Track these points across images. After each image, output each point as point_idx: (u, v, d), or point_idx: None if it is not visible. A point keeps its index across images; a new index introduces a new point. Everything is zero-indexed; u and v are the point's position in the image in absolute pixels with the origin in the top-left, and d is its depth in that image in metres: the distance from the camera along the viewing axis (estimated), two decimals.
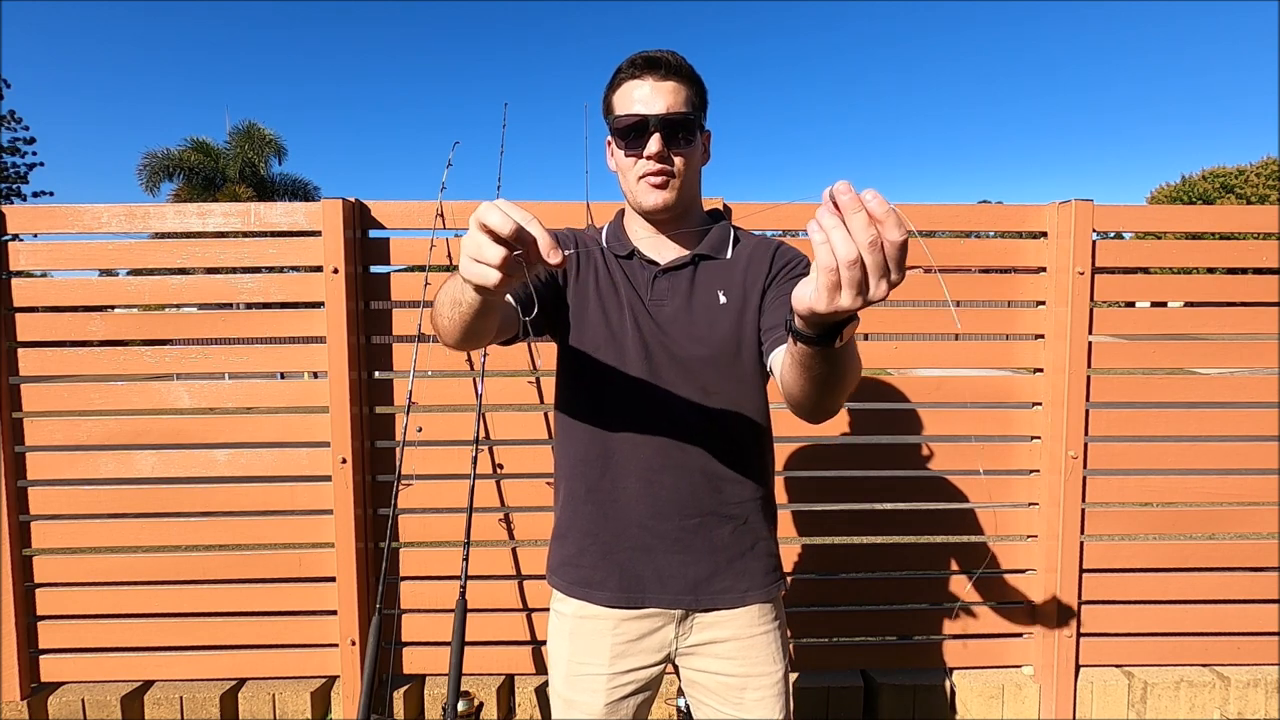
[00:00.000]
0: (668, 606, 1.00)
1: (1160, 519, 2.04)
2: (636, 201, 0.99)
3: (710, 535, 0.99)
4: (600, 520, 1.00)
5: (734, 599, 1.00)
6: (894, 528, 2.05)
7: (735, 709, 1.01)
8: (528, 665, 2.03)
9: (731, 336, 0.98)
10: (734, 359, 0.98)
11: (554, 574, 1.07)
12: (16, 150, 25.71)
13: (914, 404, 2.00)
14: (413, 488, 1.95)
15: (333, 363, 1.90)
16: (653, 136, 0.93)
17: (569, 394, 1.04)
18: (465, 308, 0.74)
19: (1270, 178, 32.41)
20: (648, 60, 0.94)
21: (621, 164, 0.99)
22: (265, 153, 21.87)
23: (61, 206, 1.89)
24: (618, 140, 0.97)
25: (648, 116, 0.92)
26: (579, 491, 1.02)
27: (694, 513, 0.98)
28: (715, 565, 0.99)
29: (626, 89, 0.96)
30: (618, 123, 0.96)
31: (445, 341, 0.85)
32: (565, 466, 1.05)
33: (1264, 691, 2.01)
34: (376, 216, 1.96)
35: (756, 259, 1.01)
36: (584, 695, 1.01)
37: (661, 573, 0.99)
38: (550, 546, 1.09)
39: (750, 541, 1.02)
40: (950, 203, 1.96)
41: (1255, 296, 1.98)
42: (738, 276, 1.00)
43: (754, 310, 0.99)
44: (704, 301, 0.99)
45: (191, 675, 2.02)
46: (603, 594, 1.01)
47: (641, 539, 0.99)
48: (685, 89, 0.95)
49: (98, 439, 1.96)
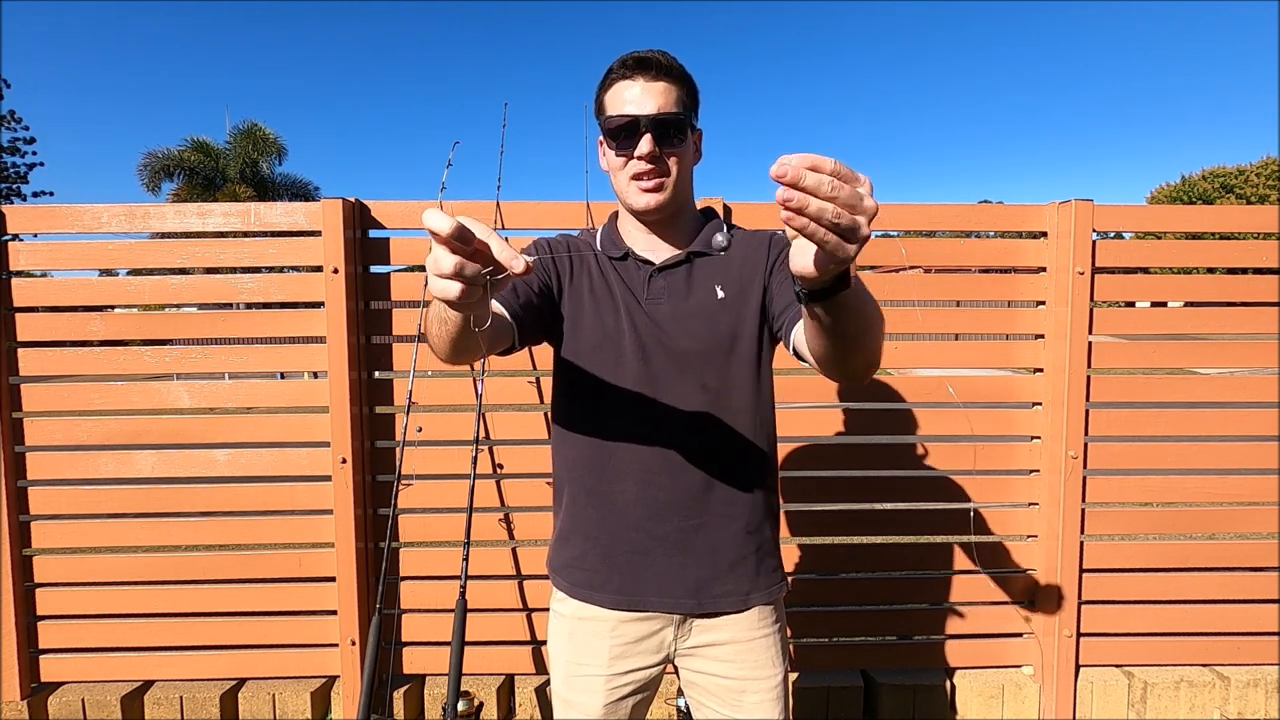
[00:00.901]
0: (669, 610, 0.99)
1: (1160, 519, 2.04)
2: (628, 202, 0.99)
3: (711, 537, 0.99)
4: (600, 523, 1.00)
5: (736, 602, 1.00)
6: (894, 528, 2.05)
7: (734, 711, 1.01)
8: (528, 665, 2.03)
9: (729, 331, 0.98)
10: (732, 353, 0.98)
11: (557, 574, 1.07)
12: (16, 150, 25.73)
13: (914, 404, 2.00)
14: (413, 488, 1.95)
15: (333, 363, 1.90)
16: (644, 137, 0.93)
17: (566, 399, 1.04)
18: (450, 325, 0.75)
19: (1270, 178, 32.40)
20: (639, 61, 0.94)
21: (613, 164, 0.99)
22: (265, 153, 21.87)
23: (61, 206, 1.90)
24: (609, 140, 0.97)
25: (639, 117, 0.92)
26: (579, 494, 1.02)
27: (694, 514, 0.98)
28: (716, 568, 0.99)
29: (618, 89, 0.96)
30: (609, 123, 0.96)
31: (439, 357, 0.86)
32: (564, 470, 1.05)
33: (1264, 691, 2.01)
34: (376, 216, 1.96)
35: (752, 252, 1.02)
36: (583, 696, 1.01)
37: (662, 576, 0.99)
38: (552, 547, 1.09)
39: (754, 544, 1.01)
40: (950, 203, 1.95)
41: (1255, 296, 1.98)
42: (734, 271, 1.00)
43: (754, 304, 0.99)
44: (701, 298, 0.99)
45: (191, 675, 2.02)
46: (604, 596, 1.01)
47: (641, 542, 0.98)
48: (676, 89, 0.95)
49: (98, 439, 1.96)
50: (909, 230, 1.98)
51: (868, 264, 2.01)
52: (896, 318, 1.99)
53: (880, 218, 1.94)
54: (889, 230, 2.04)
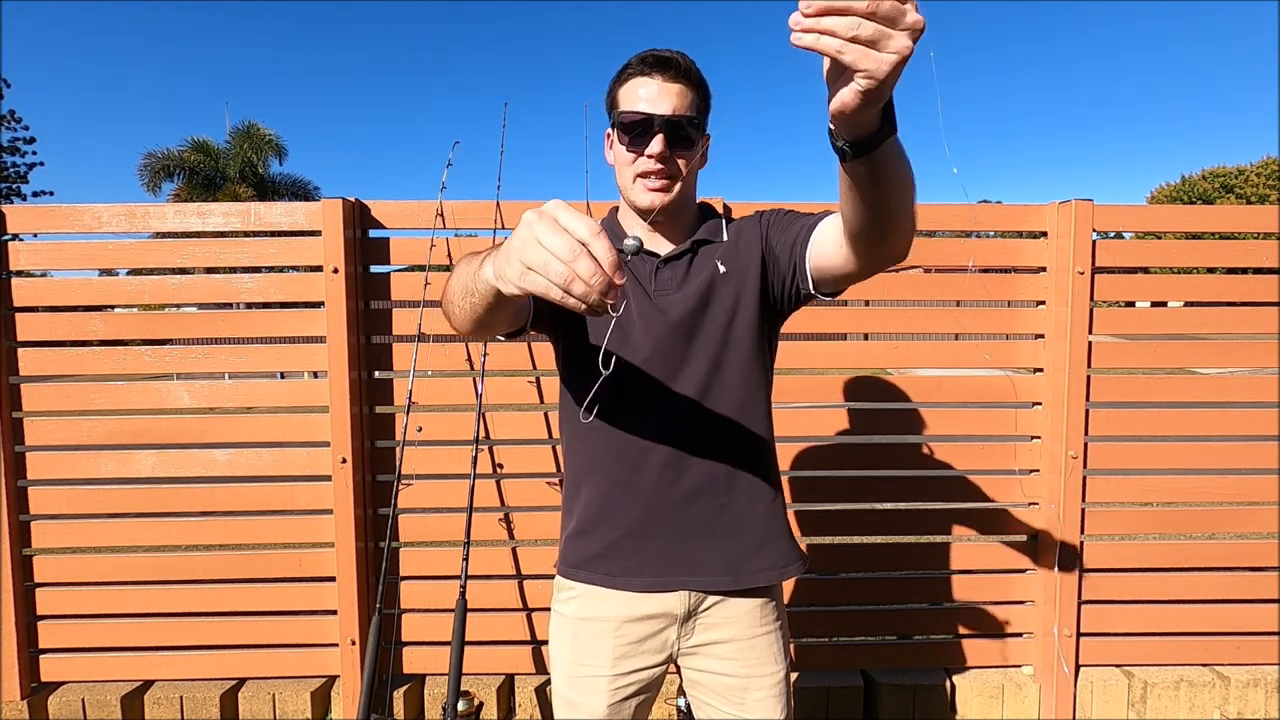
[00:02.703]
0: (706, 589, 1.00)
1: (1160, 519, 2.04)
2: (632, 199, 1.00)
3: (739, 514, 1.00)
4: (629, 511, 0.99)
5: (774, 575, 1.02)
6: (894, 528, 2.05)
7: (737, 709, 1.01)
8: (528, 665, 2.03)
9: (731, 305, 0.99)
10: (735, 324, 0.99)
11: (579, 569, 1.04)
12: (16, 150, 25.71)
13: (914, 404, 2.00)
14: (413, 487, 1.95)
15: (333, 362, 1.90)
16: (656, 137, 0.93)
17: (579, 394, 1.03)
18: (479, 298, 0.72)
19: (1270, 178, 32.40)
20: (659, 60, 0.95)
21: (621, 158, 0.99)
22: (265, 152, 21.87)
23: (61, 206, 1.89)
24: (621, 135, 0.97)
25: (654, 116, 0.93)
26: (603, 486, 1.01)
27: (721, 492, 0.99)
28: (745, 546, 1.00)
29: (634, 85, 0.96)
30: (622, 118, 0.96)
31: (455, 328, 0.84)
32: (583, 464, 1.04)
33: (1264, 691, 2.01)
34: (376, 216, 1.96)
35: (747, 231, 1.03)
36: (586, 696, 1.01)
37: (696, 555, 0.99)
38: (569, 544, 1.06)
39: (779, 521, 1.04)
40: (950, 203, 1.96)
41: (1255, 296, 1.98)
42: (733, 251, 1.02)
43: (753, 282, 1.00)
44: (704, 277, 1.00)
45: (191, 675, 2.02)
46: (640, 581, 0.99)
47: (673, 524, 0.99)
48: (692, 93, 0.96)
49: (98, 439, 1.96)
50: None
51: None
52: (897, 318, 2.00)
53: None
54: None
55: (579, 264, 0.53)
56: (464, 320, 0.79)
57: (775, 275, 1.00)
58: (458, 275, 0.78)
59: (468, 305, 0.75)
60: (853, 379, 2.00)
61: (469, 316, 0.77)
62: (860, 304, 2.06)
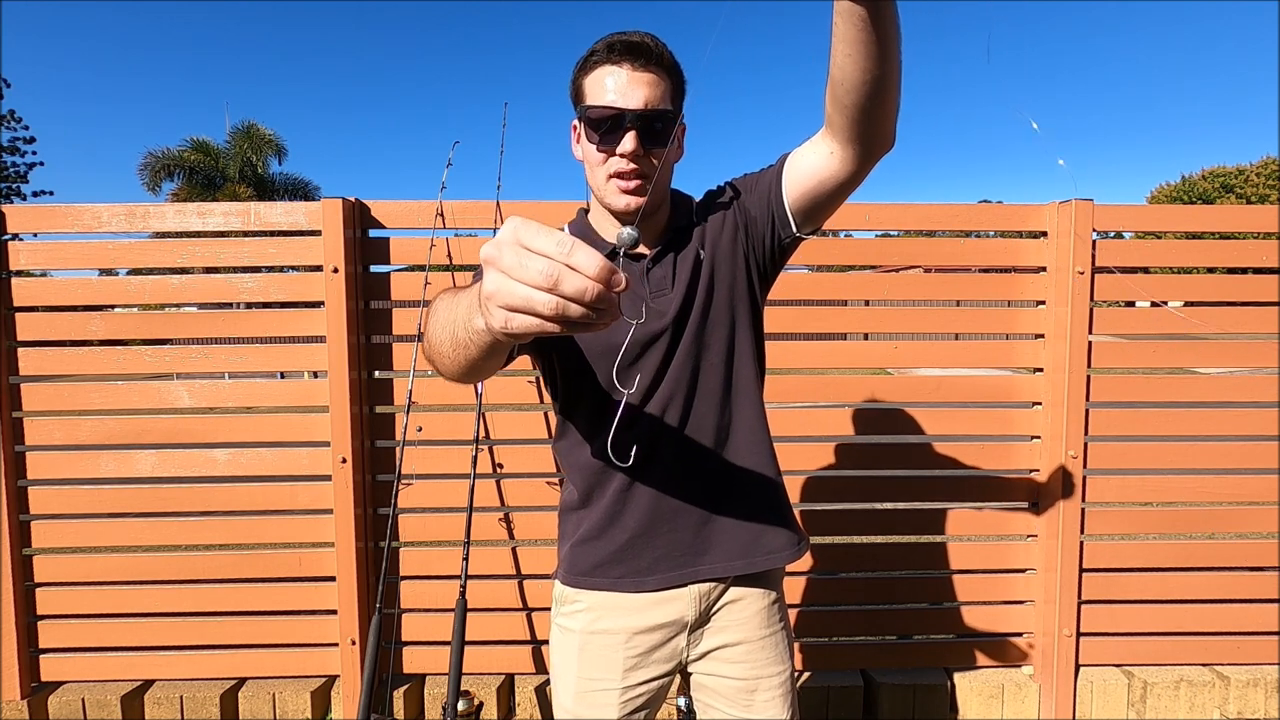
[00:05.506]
0: (720, 576, 0.99)
1: (1160, 519, 2.04)
2: (606, 201, 0.93)
3: (747, 498, 0.99)
4: (643, 511, 0.97)
5: (788, 556, 1.01)
6: (894, 527, 2.05)
7: (745, 711, 1.00)
8: (528, 665, 2.03)
9: (728, 288, 0.97)
10: (735, 307, 0.98)
11: (589, 575, 1.01)
12: (16, 150, 25.72)
13: (914, 404, 2.00)
14: (413, 487, 1.95)
15: (333, 362, 1.90)
16: (628, 134, 0.85)
17: (575, 397, 1.00)
18: (475, 350, 0.64)
19: (1270, 178, 32.40)
20: (627, 45, 0.86)
21: (591, 157, 0.91)
22: (265, 152, 21.85)
23: (61, 206, 1.89)
24: (589, 132, 0.89)
25: (624, 111, 0.85)
26: (607, 487, 0.99)
27: (729, 478, 0.98)
28: (754, 529, 1.00)
29: (600, 75, 0.87)
30: (589, 113, 0.88)
31: (446, 377, 0.78)
32: (581, 468, 1.01)
33: (1264, 691, 2.01)
34: (376, 216, 1.96)
35: (718, 206, 1.00)
36: (597, 711, 0.99)
37: (708, 544, 0.98)
38: (577, 551, 1.02)
39: (784, 501, 1.04)
40: (950, 202, 1.96)
41: (1255, 296, 1.98)
42: (713, 230, 0.98)
43: (740, 258, 0.97)
44: (692, 266, 0.97)
45: (191, 675, 2.02)
46: (654, 579, 0.98)
47: (681, 518, 0.97)
48: (665, 81, 0.88)
49: (98, 439, 1.96)
50: (909, 230, 1.98)
51: (868, 264, 2.02)
52: (897, 318, 1.99)
53: (880, 217, 1.95)
54: (889, 230, 2.04)
55: (564, 285, 0.45)
56: (457, 371, 0.73)
57: (755, 238, 0.97)
58: (439, 322, 0.70)
59: (461, 358, 0.68)
60: (853, 379, 2.00)
61: (462, 368, 0.71)
62: (860, 304, 2.06)
